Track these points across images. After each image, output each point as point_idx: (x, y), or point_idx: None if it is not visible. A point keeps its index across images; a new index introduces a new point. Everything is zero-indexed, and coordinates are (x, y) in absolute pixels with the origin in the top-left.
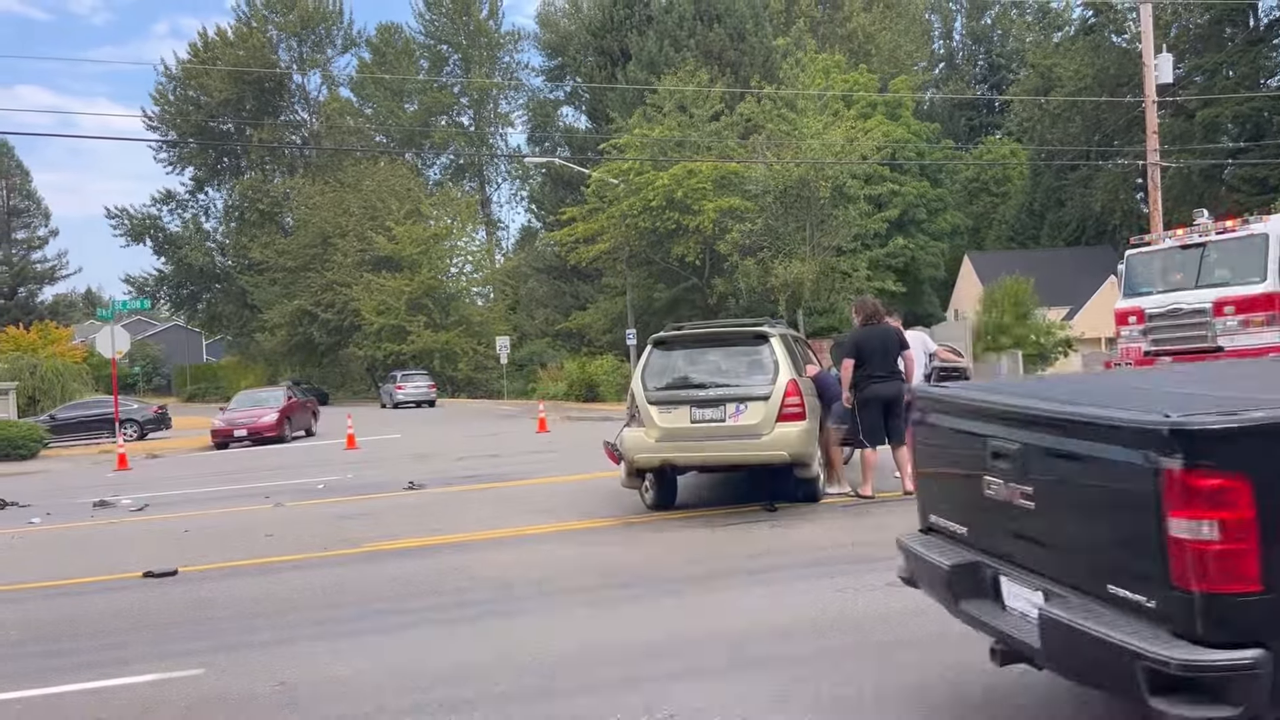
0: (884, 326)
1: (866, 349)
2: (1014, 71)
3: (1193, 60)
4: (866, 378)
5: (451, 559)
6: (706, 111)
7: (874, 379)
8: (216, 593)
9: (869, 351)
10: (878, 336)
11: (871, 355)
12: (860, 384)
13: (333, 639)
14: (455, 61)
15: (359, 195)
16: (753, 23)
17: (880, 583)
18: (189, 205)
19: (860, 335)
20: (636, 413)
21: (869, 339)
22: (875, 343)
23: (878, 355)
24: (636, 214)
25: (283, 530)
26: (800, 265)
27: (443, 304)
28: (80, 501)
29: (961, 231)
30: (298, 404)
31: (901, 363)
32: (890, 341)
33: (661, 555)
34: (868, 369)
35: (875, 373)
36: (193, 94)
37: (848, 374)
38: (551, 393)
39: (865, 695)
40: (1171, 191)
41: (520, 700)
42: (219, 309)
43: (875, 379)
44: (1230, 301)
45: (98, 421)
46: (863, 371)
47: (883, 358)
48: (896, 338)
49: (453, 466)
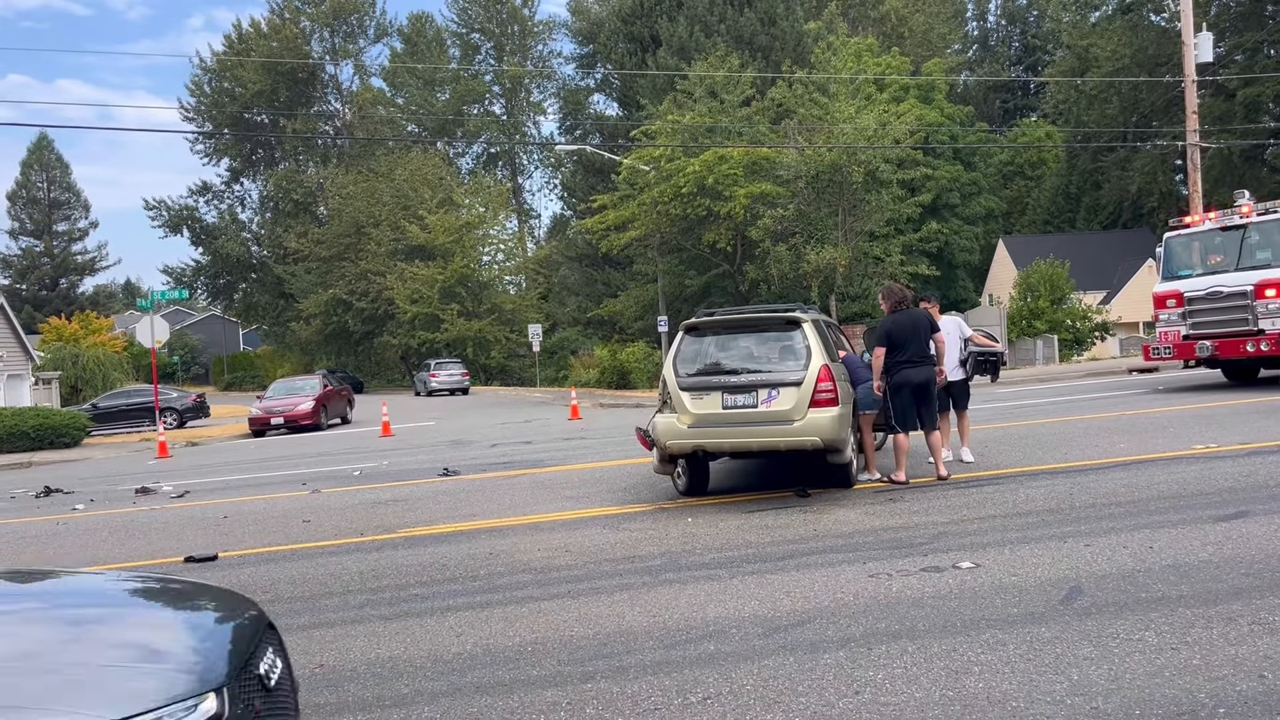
0: (914, 311)
1: (898, 335)
2: (1049, 53)
3: (1233, 39)
4: (898, 363)
5: (487, 544)
6: (737, 97)
7: (905, 364)
8: (255, 577)
9: (900, 337)
10: (909, 321)
11: (905, 341)
12: (891, 369)
13: (370, 623)
14: (488, 50)
15: (392, 185)
16: (784, 7)
17: (914, 568)
18: (225, 196)
19: (891, 322)
20: (668, 399)
21: (900, 324)
22: (906, 328)
23: (910, 340)
24: (668, 201)
25: (319, 516)
26: (833, 251)
27: (475, 292)
28: (122, 488)
29: (996, 215)
30: (333, 392)
31: (933, 346)
32: (921, 325)
33: (694, 541)
34: (900, 354)
35: (907, 358)
36: (227, 85)
37: (879, 361)
38: (584, 380)
39: (897, 679)
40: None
41: (556, 683)
42: (255, 299)
43: (907, 364)
44: (1272, 284)
45: (138, 410)
46: (895, 357)
47: (915, 342)
48: (927, 321)
49: (487, 453)
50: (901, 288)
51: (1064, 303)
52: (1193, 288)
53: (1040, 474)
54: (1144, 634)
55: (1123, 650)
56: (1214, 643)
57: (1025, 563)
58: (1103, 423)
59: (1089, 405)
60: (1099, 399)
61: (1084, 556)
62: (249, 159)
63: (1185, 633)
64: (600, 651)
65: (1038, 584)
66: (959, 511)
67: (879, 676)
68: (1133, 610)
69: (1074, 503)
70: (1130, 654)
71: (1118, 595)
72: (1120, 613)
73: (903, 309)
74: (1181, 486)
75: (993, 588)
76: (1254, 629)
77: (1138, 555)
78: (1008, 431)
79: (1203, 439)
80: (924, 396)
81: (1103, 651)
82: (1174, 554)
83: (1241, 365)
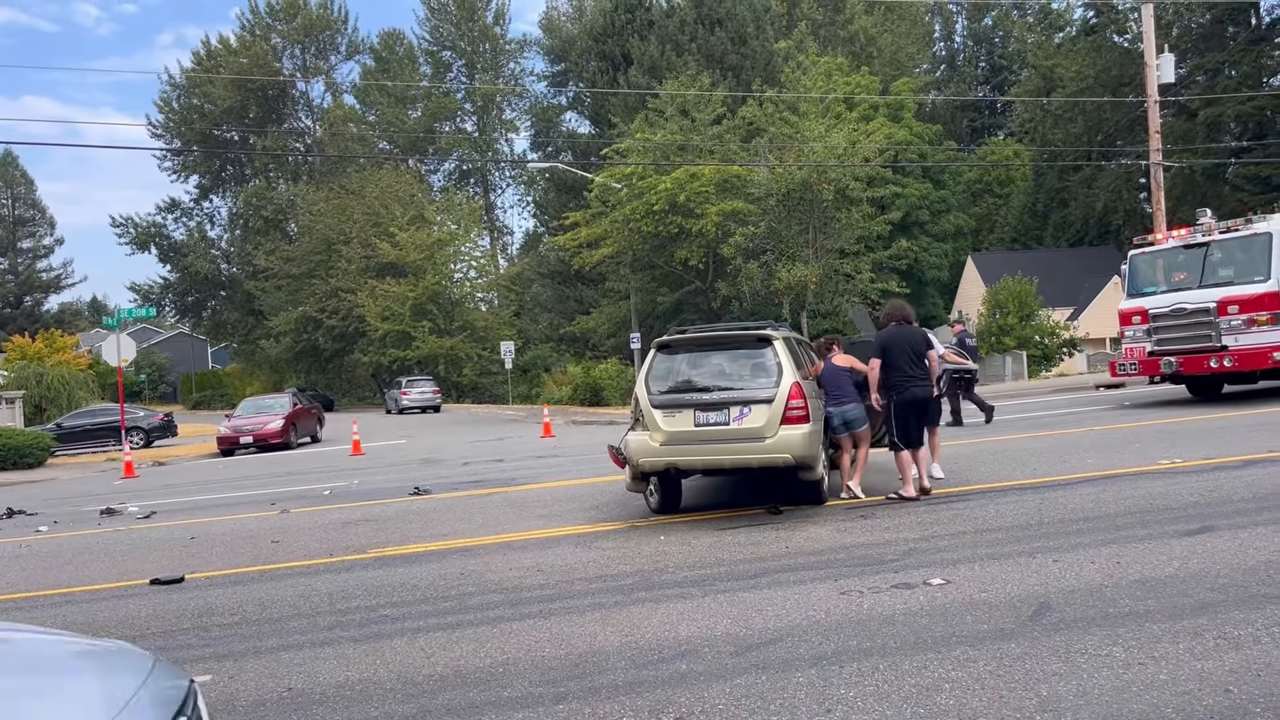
0: (911, 328)
1: (894, 350)
2: (1015, 72)
3: (1195, 60)
4: (902, 381)
5: (458, 564)
6: (708, 115)
7: (910, 382)
8: (223, 600)
9: (896, 353)
10: (905, 338)
11: (899, 357)
12: (896, 386)
13: (340, 645)
14: (459, 68)
15: (363, 202)
16: (754, 26)
17: (886, 585)
18: (193, 213)
19: (886, 336)
20: (641, 416)
21: (896, 340)
22: (903, 344)
23: (905, 356)
24: (639, 218)
25: (289, 537)
26: (803, 268)
27: (447, 310)
28: (87, 509)
29: (965, 233)
30: (303, 410)
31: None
32: (918, 343)
33: (666, 559)
34: (897, 371)
35: (905, 375)
36: (197, 102)
37: (875, 374)
38: (556, 397)
39: (868, 697)
40: (1174, 191)
41: (527, 705)
42: (224, 316)
43: (911, 382)
44: (1234, 301)
45: (104, 429)
46: (893, 374)
47: (910, 359)
48: (923, 339)
49: (458, 472)
50: (902, 304)
51: (1032, 319)
52: (1157, 304)
53: (1010, 490)
54: (1112, 649)
55: (1091, 666)
56: (1180, 658)
57: (995, 579)
58: (1071, 438)
59: (1057, 421)
60: (1067, 414)
61: (1053, 572)
62: (218, 176)
63: (1152, 648)
64: (572, 672)
65: (1007, 600)
66: (930, 528)
67: (850, 694)
68: (1100, 626)
69: (1043, 518)
70: (1098, 669)
71: (1086, 611)
72: (1088, 628)
73: (899, 324)
74: (1148, 501)
75: (963, 604)
76: (1219, 644)
77: (1105, 570)
78: (978, 447)
79: (1168, 454)
80: (924, 413)
81: (1071, 667)
82: (1141, 569)
83: (1205, 381)
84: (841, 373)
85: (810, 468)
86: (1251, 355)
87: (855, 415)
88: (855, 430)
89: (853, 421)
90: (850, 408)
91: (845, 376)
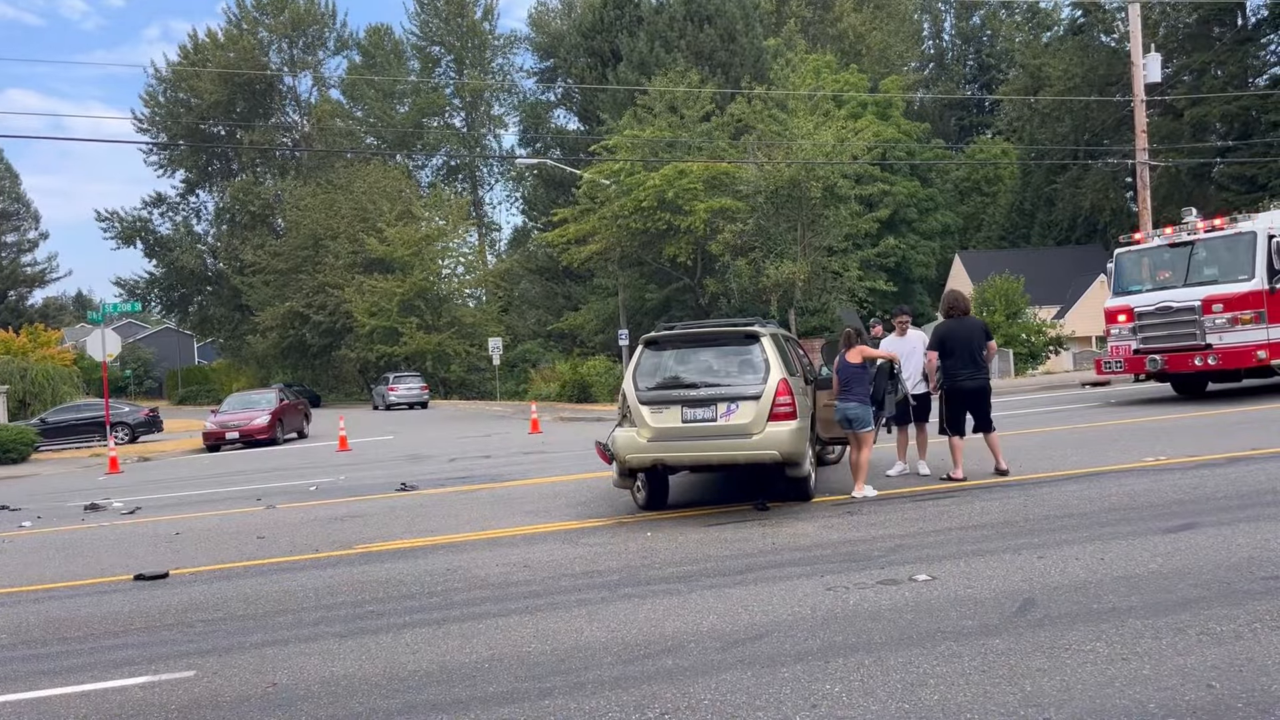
0: (969, 319)
1: (950, 341)
2: (1003, 71)
3: (1181, 59)
4: (952, 373)
5: (444, 560)
6: (697, 112)
7: (960, 375)
8: (208, 595)
9: (952, 344)
10: (962, 330)
11: (955, 348)
12: (950, 376)
13: (325, 640)
14: (448, 63)
15: (350, 197)
16: (743, 23)
17: (871, 581)
18: (180, 208)
19: (943, 328)
20: (628, 413)
21: (953, 332)
22: (959, 336)
23: (961, 348)
24: (628, 215)
25: (274, 533)
26: (791, 265)
27: (435, 306)
28: (71, 505)
29: (952, 231)
30: (289, 406)
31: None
32: (975, 335)
33: (653, 555)
34: (953, 360)
35: (961, 368)
36: (183, 96)
37: (933, 365)
38: (544, 393)
39: (854, 692)
40: (1160, 190)
41: (513, 700)
42: (210, 311)
43: (961, 375)
44: (1219, 299)
45: (89, 425)
46: (948, 363)
47: (966, 351)
48: (982, 330)
49: (445, 468)
50: (960, 294)
51: (1019, 317)
52: (1143, 303)
53: (995, 486)
54: (1095, 645)
55: (1075, 661)
56: (1163, 653)
57: (980, 575)
58: (1056, 435)
59: (1043, 418)
60: (1053, 412)
61: (1037, 568)
62: (205, 171)
63: (1135, 643)
64: (558, 668)
65: (992, 596)
66: (915, 524)
67: (836, 690)
68: (1084, 621)
69: (1028, 515)
70: (1082, 665)
71: (1070, 607)
72: (1072, 624)
73: (956, 316)
74: (1132, 499)
75: (948, 600)
76: (1202, 639)
77: (1089, 567)
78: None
79: (1152, 451)
80: (978, 403)
81: (1055, 663)
82: (1125, 565)
83: (1190, 379)
84: (852, 368)
85: (797, 464)
86: (1235, 354)
87: (856, 414)
88: (857, 430)
89: (854, 420)
90: (852, 406)
91: (856, 371)
